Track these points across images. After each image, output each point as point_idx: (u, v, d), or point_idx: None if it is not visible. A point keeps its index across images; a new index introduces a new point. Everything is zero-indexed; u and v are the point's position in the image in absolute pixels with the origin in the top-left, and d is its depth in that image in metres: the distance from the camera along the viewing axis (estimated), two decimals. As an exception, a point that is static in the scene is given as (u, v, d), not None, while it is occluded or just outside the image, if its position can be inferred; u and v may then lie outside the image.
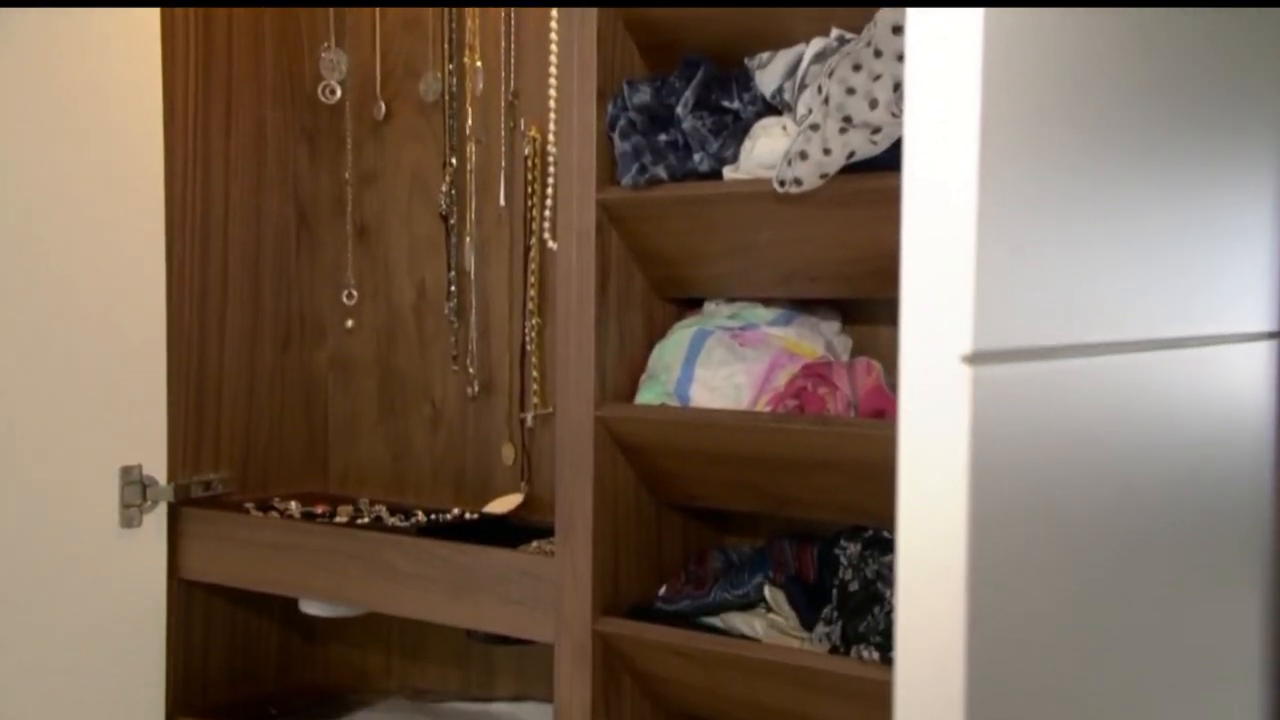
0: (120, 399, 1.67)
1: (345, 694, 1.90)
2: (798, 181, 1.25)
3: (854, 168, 1.24)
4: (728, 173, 1.35)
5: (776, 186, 1.26)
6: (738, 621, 1.42)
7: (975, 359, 0.73)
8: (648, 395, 1.43)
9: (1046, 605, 0.90)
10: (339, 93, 1.85)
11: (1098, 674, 0.99)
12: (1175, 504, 1.12)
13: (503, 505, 1.75)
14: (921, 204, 0.75)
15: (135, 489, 1.68)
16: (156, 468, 1.70)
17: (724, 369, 1.41)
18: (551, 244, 1.59)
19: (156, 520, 1.71)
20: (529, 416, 1.75)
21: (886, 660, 1.25)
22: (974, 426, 0.73)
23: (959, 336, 0.72)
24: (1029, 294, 0.79)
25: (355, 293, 1.90)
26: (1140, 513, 1.05)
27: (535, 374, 1.74)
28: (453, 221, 1.81)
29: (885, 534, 1.36)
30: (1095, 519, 0.96)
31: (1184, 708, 1.17)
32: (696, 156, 1.37)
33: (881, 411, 1.31)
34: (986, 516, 0.78)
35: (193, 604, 1.78)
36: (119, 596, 1.67)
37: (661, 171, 1.37)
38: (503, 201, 1.76)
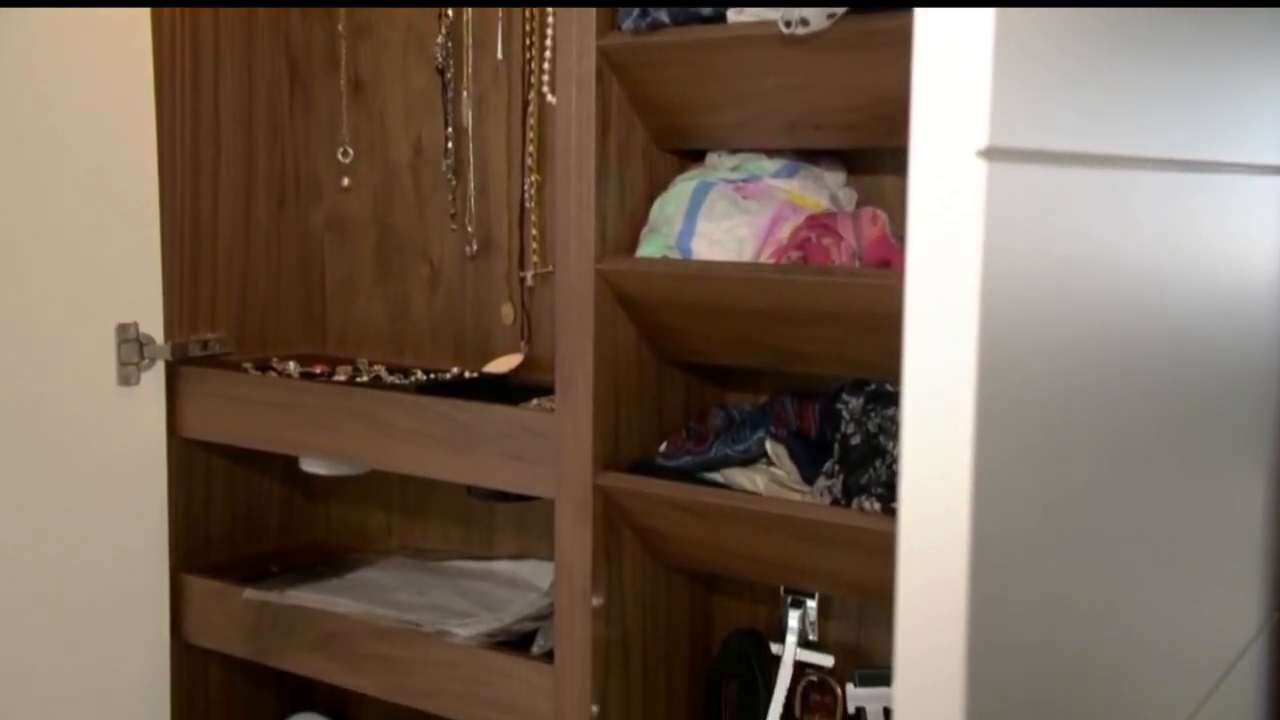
0: (113, 257, 1.65)
1: (346, 552, 1.91)
2: (804, 22, 1.21)
3: (864, 5, 1.20)
4: (732, 15, 1.31)
5: (782, 28, 1.22)
6: (739, 477, 1.42)
7: (991, 154, 0.70)
8: (648, 248, 1.41)
9: (1055, 431, 0.89)
10: (330, -59, 1.80)
11: (1101, 517, 0.98)
12: (1187, 351, 1.11)
13: (502, 365, 1.74)
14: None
15: (132, 347, 1.66)
16: (153, 326, 1.69)
17: (726, 221, 1.39)
18: (550, 98, 1.56)
19: (154, 379, 1.70)
20: (529, 275, 1.73)
21: (888, 511, 1.25)
22: (987, 226, 0.71)
23: (975, 130, 0.69)
24: (1048, 97, 0.76)
25: (350, 150, 1.87)
26: (1150, 357, 1.04)
27: (535, 232, 1.71)
28: (449, 76, 1.77)
29: (888, 387, 1.35)
30: (1104, 353, 0.94)
31: (1185, 581, 1.18)
32: (700, -2, 1.32)
33: (887, 262, 1.29)
34: (996, 324, 0.77)
35: (193, 463, 1.78)
36: (119, 455, 1.67)
37: (664, 15, 1.33)
38: (500, 54, 1.71)
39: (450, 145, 1.77)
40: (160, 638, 1.74)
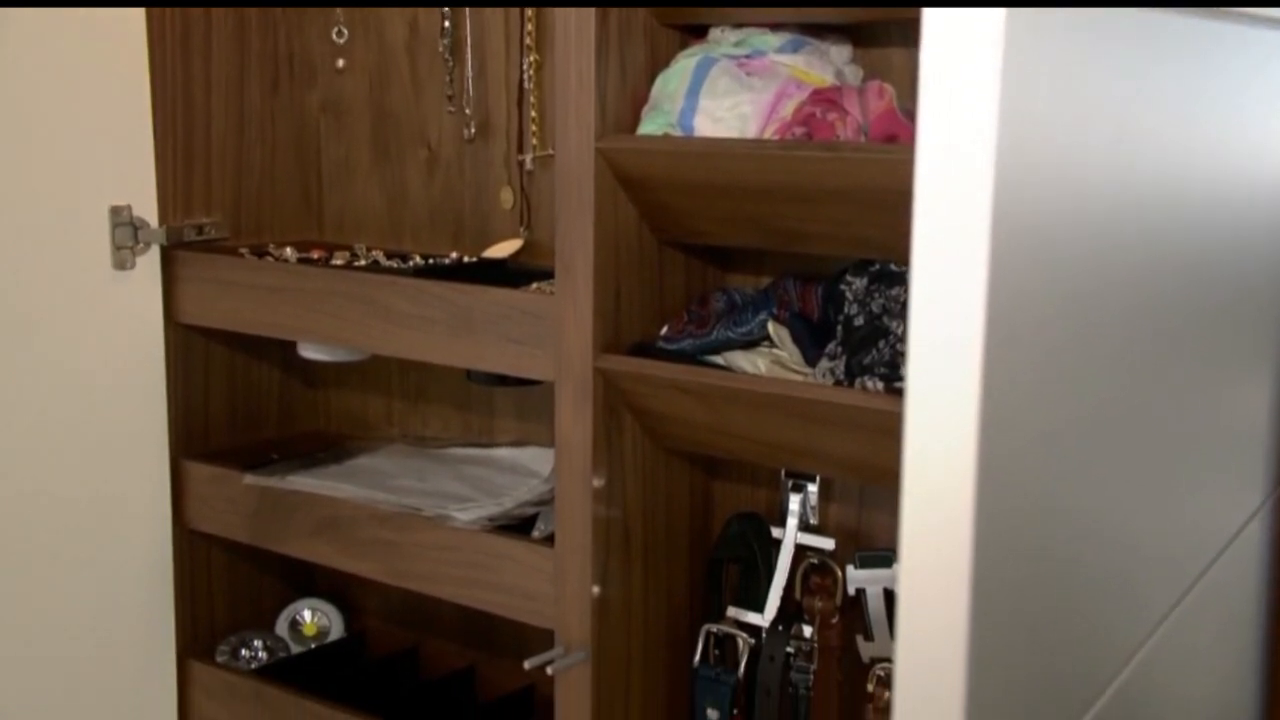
0: (105, 139, 1.62)
1: (346, 440, 1.90)
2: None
3: None
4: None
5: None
6: (740, 360, 1.40)
7: (1008, 19, 0.68)
8: (650, 126, 1.38)
9: (1066, 318, 0.87)
10: None
11: (1108, 409, 0.97)
12: (1199, 245, 1.09)
13: (502, 250, 1.72)
14: None
15: (126, 230, 1.64)
16: (146, 210, 1.67)
17: (729, 99, 1.35)
18: (549, -28, 1.51)
19: (150, 263, 1.68)
20: (528, 159, 1.70)
21: (891, 390, 1.23)
22: (1003, 95, 0.68)
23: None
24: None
25: (345, 31, 1.82)
26: (1163, 248, 1.02)
27: (534, 114, 1.68)
28: (445, -48, 1.72)
29: (893, 267, 1.33)
30: (1117, 243, 0.92)
31: (1188, 482, 1.17)
32: None
33: (894, 136, 1.26)
34: (1010, 204, 0.75)
35: (191, 349, 1.77)
36: (117, 340, 1.66)
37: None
38: (497, -71, 1.67)
39: (447, 25, 1.73)
40: (162, 523, 1.74)
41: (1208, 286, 1.15)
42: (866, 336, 1.31)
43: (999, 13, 0.69)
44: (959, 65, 0.72)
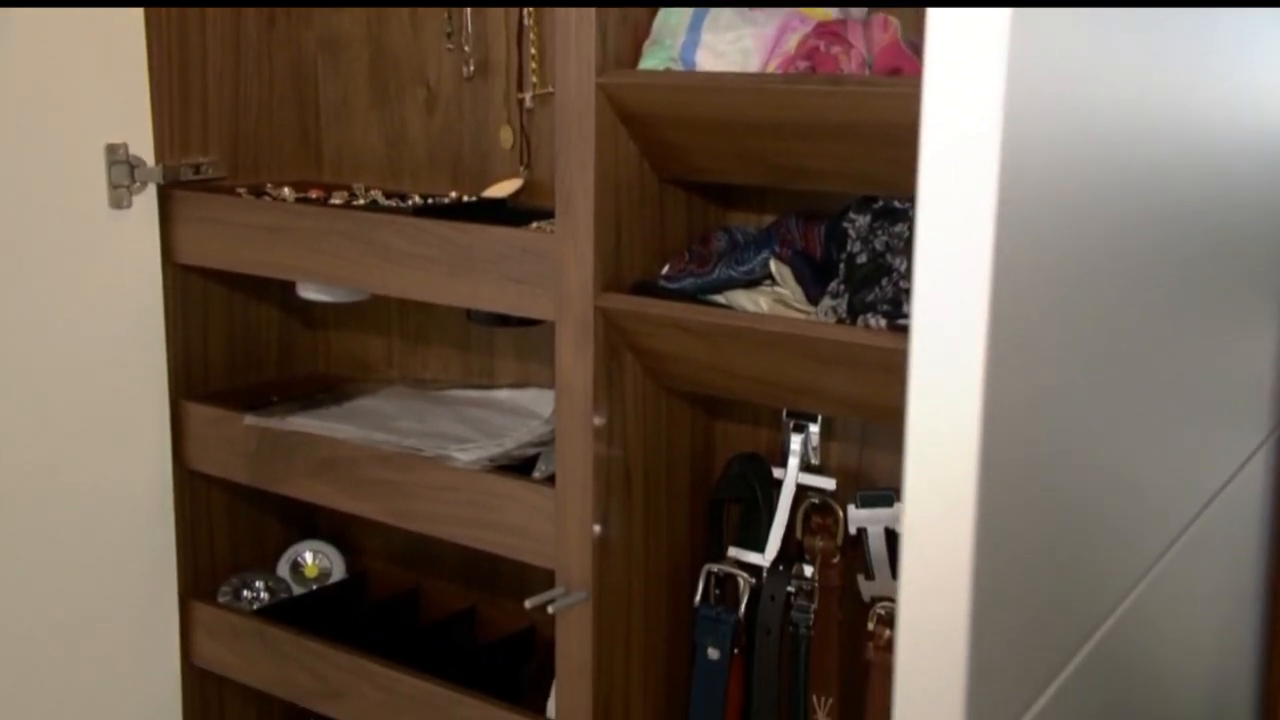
0: (99, 75, 1.60)
1: (346, 382, 1.90)
2: None
3: None
4: None
5: None
6: (742, 299, 1.39)
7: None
8: (651, 61, 1.36)
9: (1072, 259, 0.86)
10: None
11: (1114, 353, 0.96)
12: (1206, 188, 1.08)
13: (501, 189, 1.70)
14: None
15: (122, 169, 1.62)
16: (142, 148, 1.65)
17: (731, 33, 1.34)
18: (549, -96, 1.49)
19: (146, 202, 1.67)
20: (528, 97, 1.68)
21: (894, 328, 1.23)
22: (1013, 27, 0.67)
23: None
24: None
25: (342, -34, 1.80)
26: (1172, 191, 1.01)
27: (533, 51, 1.66)
28: (442, -118, 1.69)
29: (896, 204, 1.31)
30: (1125, 179, 0.91)
31: (1191, 420, 1.16)
32: None
33: (899, 70, 1.24)
34: (1018, 138, 0.74)
35: (189, 290, 1.76)
36: (114, 280, 1.65)
37: None
38: None
39: (445, -40, 1.71)
40: (162, 464, 1.74)
41: (1213, 232, 1.14)
42: (869, 274, 1.29)
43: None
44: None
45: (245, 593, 1.86)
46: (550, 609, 1.43)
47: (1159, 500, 1.08)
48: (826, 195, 1.42)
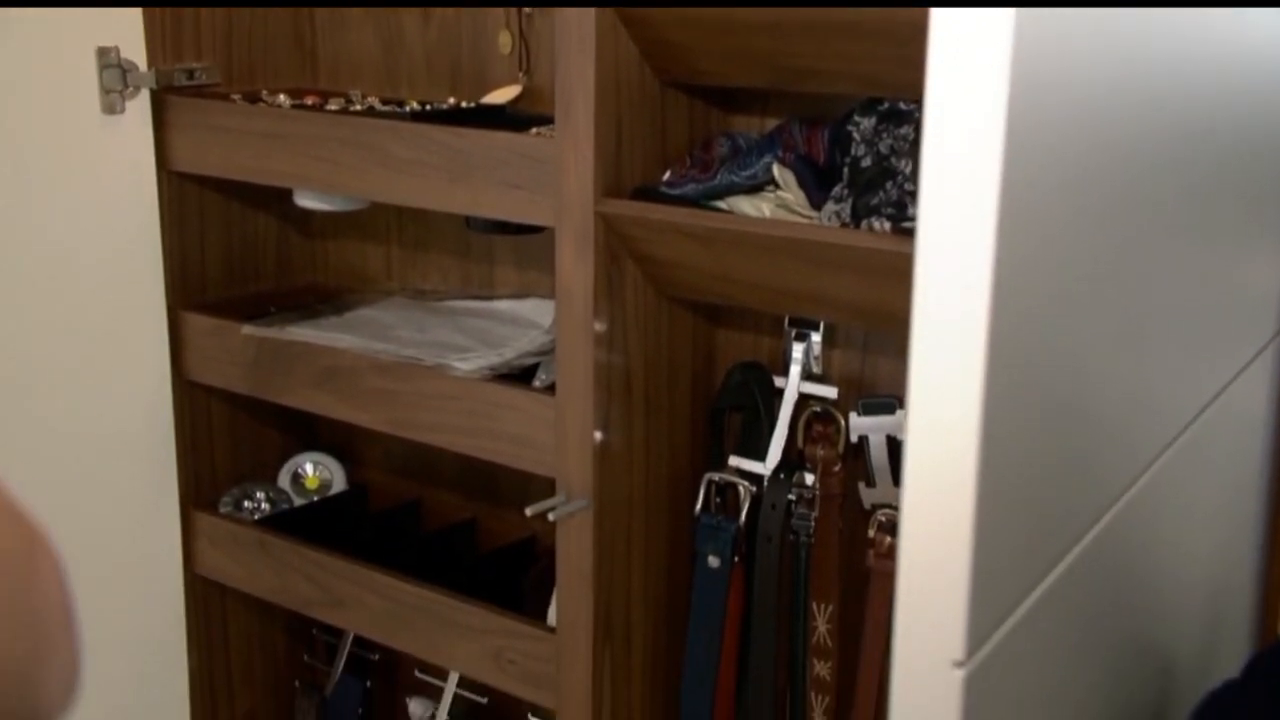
0: (89, -23, 1.57)
1: (345, 294, 1.88)
2: None
3: None
4: None
5: None
6: (744, 205, 1.38)
7: None
8: (653, -41, 1.33)
9: (1079, 169, 0.84)
10: None
11: (1119, 268, 0.95)
12: (1211, 114, 1.06)
13: (500, 96, 1.68)
14: None
15: (114, 73, 1.60)
16: (135, 52, 1.62)
17: (736, -70, 1.30)
18: None
19: (140, 108, 1.64)
20: (526, 1, 1.65)
21: (899, 231, 1.21)
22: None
23: None
24: None
25: None
26: (1177, 114, 0.99)
27: (532, -47, 1.63)
28: None
29: (902, 106, 1.29)
30: (1130, 101, 0.89)
31: (1194, 335, 1.15)
32: None
33: (906, -34, 1.21)
34: (1027, 45, 0.72)
35: (185, 198, 1.74)
36: (108, 187, 1.63)
37: None
38: None
39: None
40: (161, 374, 1.73)
41: (1221, 144, 1.12)
42: (874, 178, 1.28)
43: None
44: None
45: (246, 503, 1.86)
46: (551, 516, 1.43)
47: (1159, 401, 1.07)
48: (831, 99, 1.40)
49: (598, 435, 1.41)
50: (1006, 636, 0.62)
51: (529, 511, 1.43)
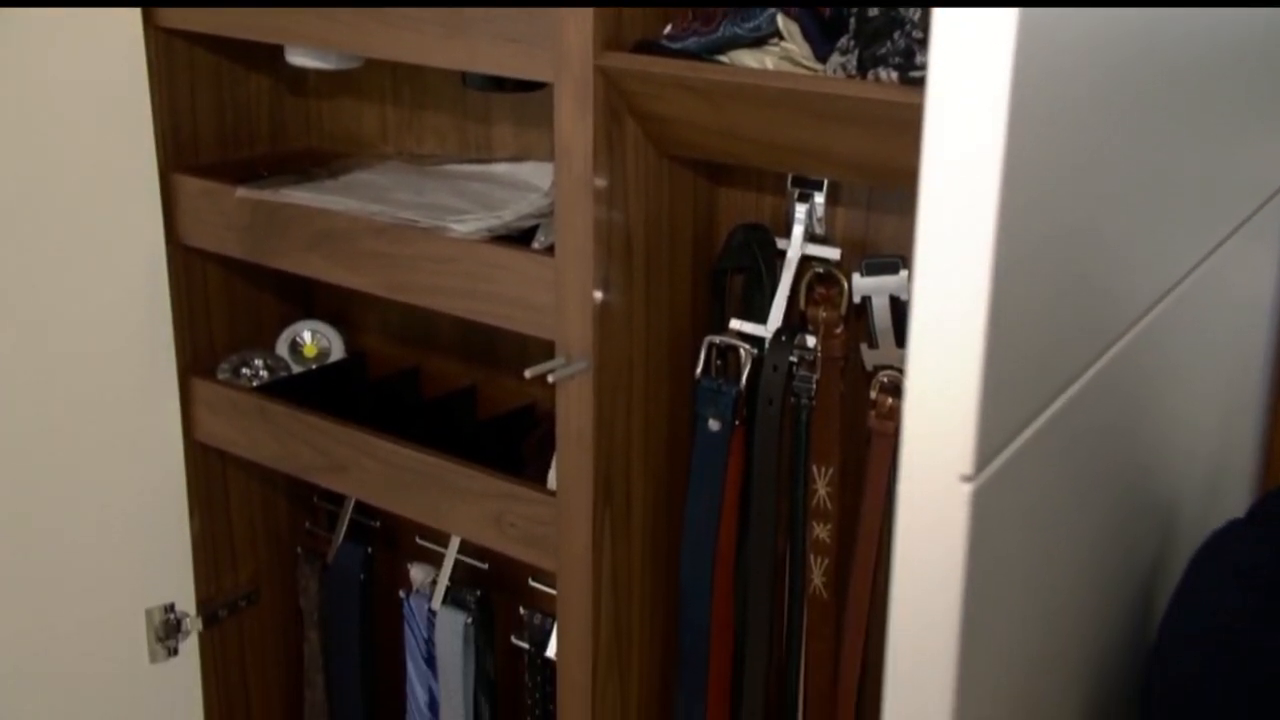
0: None
1: (341, 157, 1.85)
2: None
3: None
4: None
5: None
6: (747, 58, 1.34)
7: None
8: None
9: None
10: None
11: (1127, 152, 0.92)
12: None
13: (497, -50, 1.62)
14: None
15: (97, -75, 1.55)
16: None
17: None
18: None
19: (125, -39, 1.59)
20: None
21: (906, 80, 1.18)
22: None
23: None
24: None
25: None
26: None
27: None
28: None
29: (912, -49, 1.25)
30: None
31: (1211, 197, 1.12)
32: None
33: None
34: None
35: (174, 56, 1.70)
36: (94, 45, 1.59)
37: None
38: None
39: None
40: (155, 236, 1.71)
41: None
42: (881, 28, 1.24)
43: None
44: None
45: (244, 370, 1.85)
46: (550, 378, 1.42)
47: (1170, 237, 1.05)
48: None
49: (598, 295, 1.40)
50: (1015, 455, 0.60)
51: (528, 373, 1.42)
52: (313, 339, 1.92)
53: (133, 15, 1.62)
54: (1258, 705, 0.75)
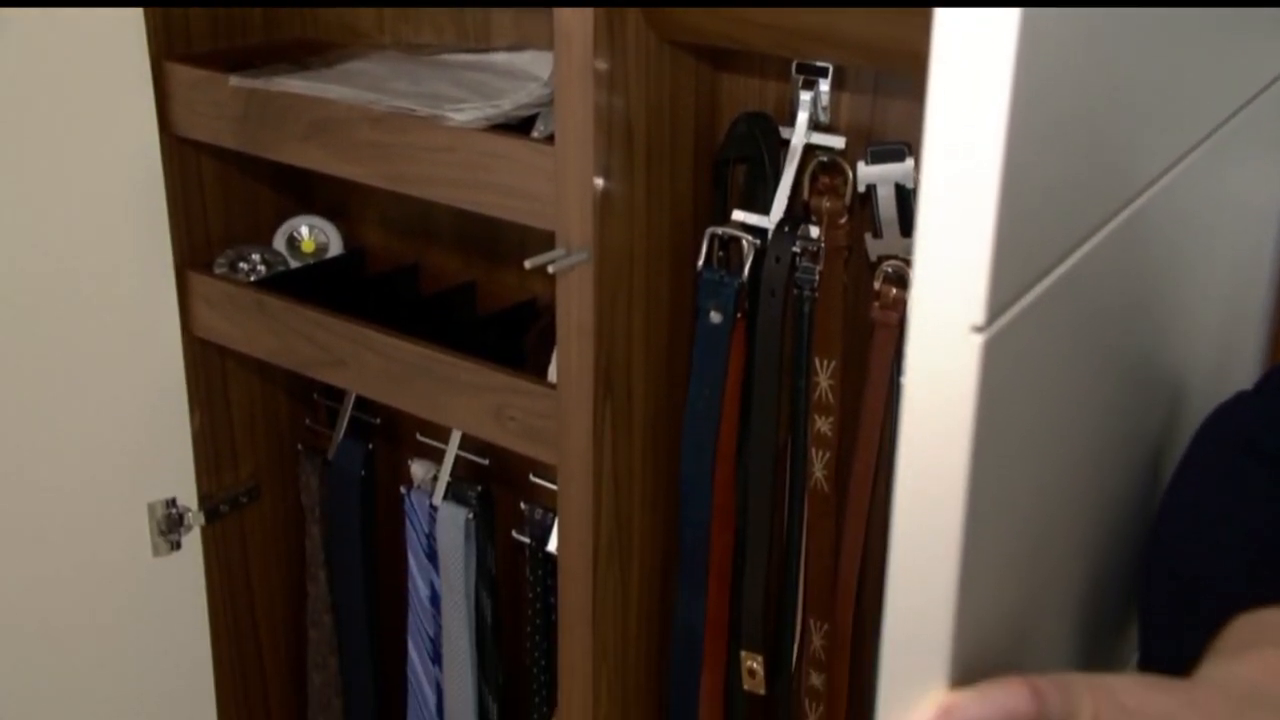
0: None
1: (336, 47, 1.82)
2: None
3: None
4: None
5: None
6: (752, -61, 1.30)
7: None
8: None
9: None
10: None
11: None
12: None
13: None
14: None
15: None
16: None
17: None
18: None
19: None
20: None
21: (915, -43, 1.14)
22: None
23: None
24: None
25: None
26: None
27: None
28: None
29: None
30: None
31: (1229, 62, 1.09)
32: None
33: None
34: None
35: (164, -59, 1.66)
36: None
37: None
38: None
39: None
40: (148, 128, 1.68)
41: None
42: (890, -97, 1.20)
43: None
44: None
45: (242, 265, 1.83)
46: (550, 269, 1.40)
47: (1187, 100, 1.02)
48: None
49: (598, 184, 1.37)
50: (1026, 309, 0.59)
51: (528, 264, 1.40)
52: (310, 234, 1.90)
53: (120, -103, 1.58)
54: (1256, 576, 0.74)
